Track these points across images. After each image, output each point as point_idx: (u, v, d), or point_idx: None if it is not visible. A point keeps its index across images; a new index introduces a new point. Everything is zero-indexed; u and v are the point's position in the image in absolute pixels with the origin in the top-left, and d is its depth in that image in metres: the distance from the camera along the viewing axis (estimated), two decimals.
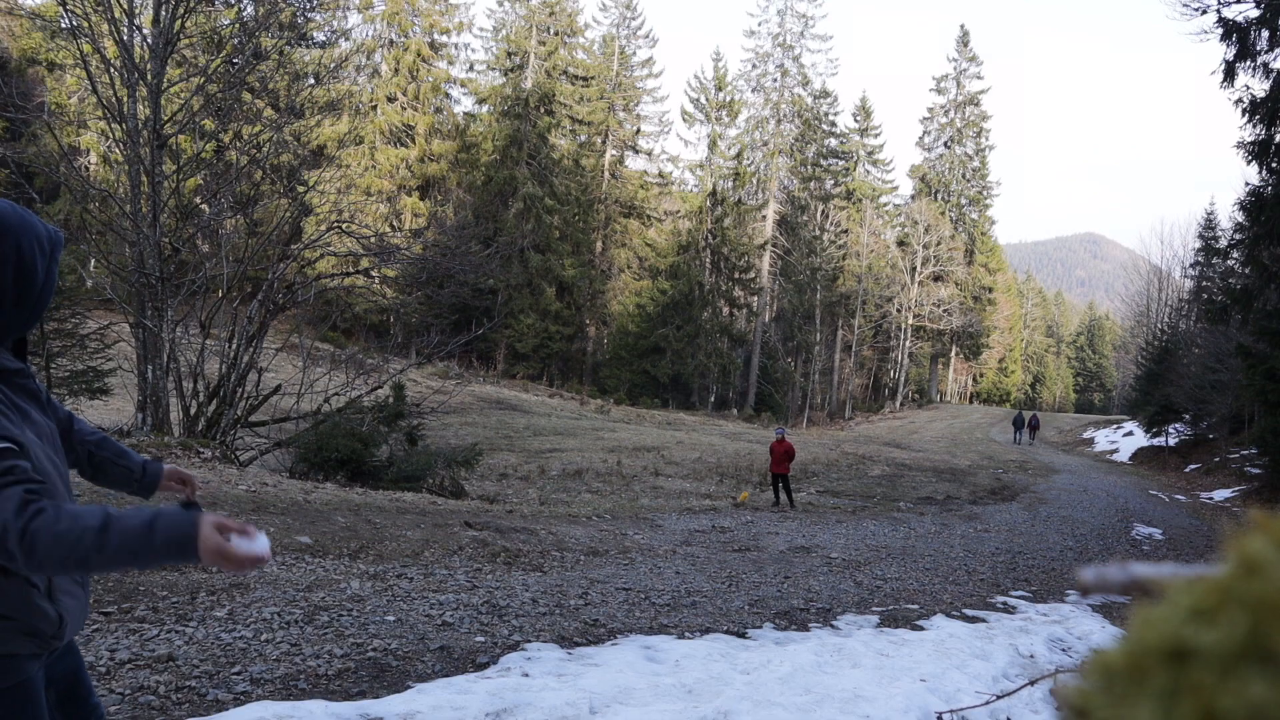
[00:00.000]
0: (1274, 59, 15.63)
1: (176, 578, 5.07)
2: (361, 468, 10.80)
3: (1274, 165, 15.63)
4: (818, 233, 49.39)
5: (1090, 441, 36.16)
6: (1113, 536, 11.99)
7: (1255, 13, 15.60)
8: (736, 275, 44.67)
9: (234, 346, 10.84)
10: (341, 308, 27.26)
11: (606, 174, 46.36)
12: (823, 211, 50.38)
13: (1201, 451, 25.75)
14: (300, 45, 32.88)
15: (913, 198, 55.43)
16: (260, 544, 1.30)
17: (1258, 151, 15.67)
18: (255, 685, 3.67)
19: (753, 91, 49.43)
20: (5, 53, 31.49)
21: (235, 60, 13.23)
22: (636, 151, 48.23)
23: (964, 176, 54.62)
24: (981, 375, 64.04)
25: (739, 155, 46.87)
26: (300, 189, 13.06)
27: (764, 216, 47.78)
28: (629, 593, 6.20)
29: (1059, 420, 48.17)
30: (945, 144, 54.54)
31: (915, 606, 6.63)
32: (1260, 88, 15.76)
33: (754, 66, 49.44)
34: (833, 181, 51.36)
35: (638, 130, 47.84)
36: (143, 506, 1.41)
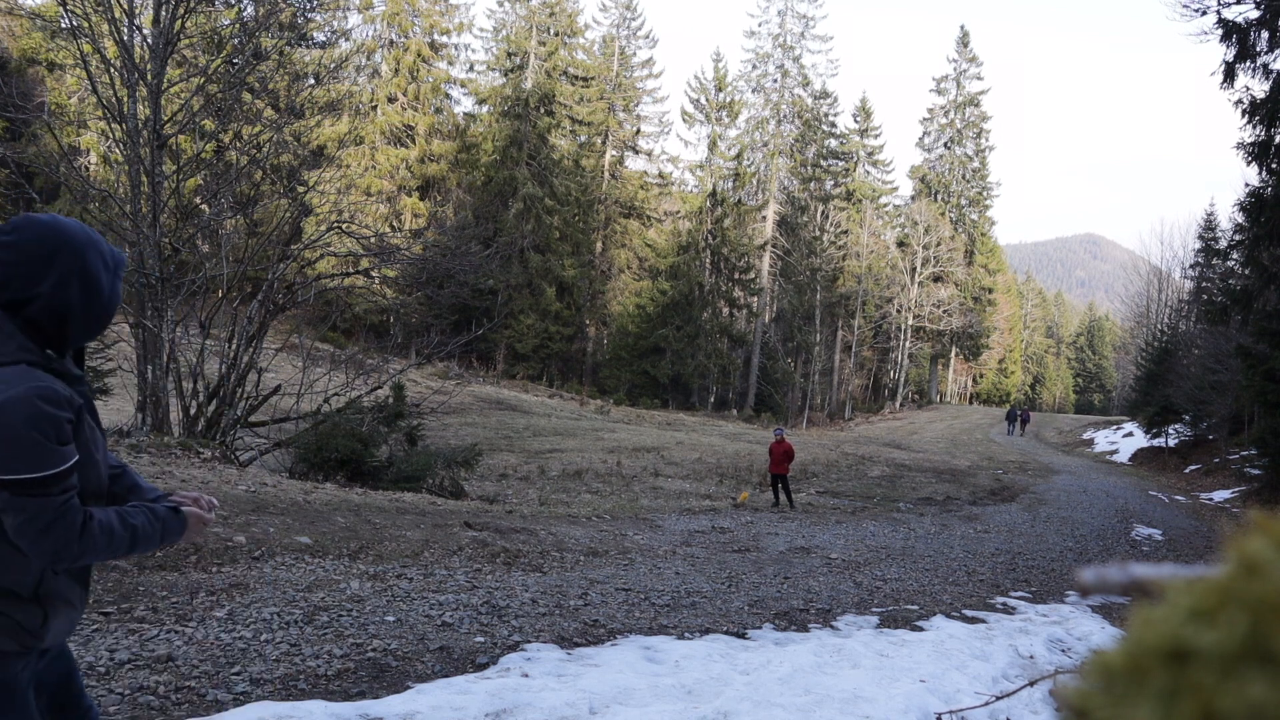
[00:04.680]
0: (1274, 60, 15.62)
1: (176, 578, 5.07)
2: (361, 468, 10.79)
3: (1274, 166, 15.61)
4: (818, 233, 49.37)
5: (1090, 442, 36.14)
6: (1112, 537, 11.99)
7: (1255, 14, 15.58)
8: (736, 276, 44.65)
9: (234, 346, 10.83)
10: (341, 308, 27.23)
11: (606, 174, 46.35)
12: (823, 212, 50.37)
13: (1201, 452, 25.72)
14: (300, 45, 32.85)
15: (913, 198, 55.43)
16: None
17: (1257, 152, 15.65)
18: (255, 685, 3.66)
19: (753, 92, 49.40)
20: (5, 53, 31.48)
21: (235, 60, 13.23)
22: (636, 152, 48.22)
23: (964, 177, 54.63)
24: (981, 376, 64.04)
25: (739, 156, 46.84)
26: (300, 189, 13.04)
27: (764, 217, 47.75)
28: (629, 593, 6.20)
29: (1059, 421, 48.13)
30: (945, 145, 54.56)
31: (915, 607, 6.63)
32: (1260, 89, 15.74)
33: (754, 67, 49.42)
34: (833, 182, 51.35)
35: (638, 131, 47.84)
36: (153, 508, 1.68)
